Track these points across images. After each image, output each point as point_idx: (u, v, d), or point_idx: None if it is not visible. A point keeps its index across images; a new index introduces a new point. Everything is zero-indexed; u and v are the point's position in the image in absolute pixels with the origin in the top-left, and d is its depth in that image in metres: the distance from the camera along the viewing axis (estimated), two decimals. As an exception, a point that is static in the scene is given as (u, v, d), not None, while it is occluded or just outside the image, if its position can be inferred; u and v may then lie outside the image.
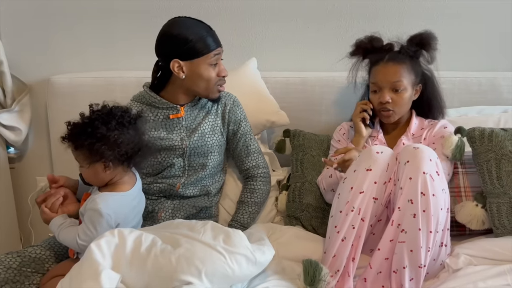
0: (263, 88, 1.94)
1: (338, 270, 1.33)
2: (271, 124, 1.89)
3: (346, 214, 1.34)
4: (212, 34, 1.53)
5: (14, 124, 2.05)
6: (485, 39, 2.04)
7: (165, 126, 1.60)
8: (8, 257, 1.36)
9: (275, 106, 1.92)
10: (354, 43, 1.71)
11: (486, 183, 1.54)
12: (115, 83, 1.98)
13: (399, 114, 1.64)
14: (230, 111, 1.69)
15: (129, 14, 2.05)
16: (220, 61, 1.56)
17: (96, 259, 1.15)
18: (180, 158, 1.62)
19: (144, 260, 1.20)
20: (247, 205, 1.69)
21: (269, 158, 1.92)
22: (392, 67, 1.59)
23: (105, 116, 1.36)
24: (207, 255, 1.21)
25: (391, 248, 1.32)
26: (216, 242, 1.25)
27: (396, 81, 1.58)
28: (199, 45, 1.49)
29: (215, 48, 1.52)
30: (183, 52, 1.49)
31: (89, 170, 1.37)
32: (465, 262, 1.42)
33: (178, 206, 1.62)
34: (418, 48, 1.63)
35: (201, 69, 1.51)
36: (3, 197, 2.11)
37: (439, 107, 1.72)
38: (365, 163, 1.38)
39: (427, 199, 1.28)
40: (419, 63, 1.64)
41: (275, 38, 2.08)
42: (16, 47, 2.07)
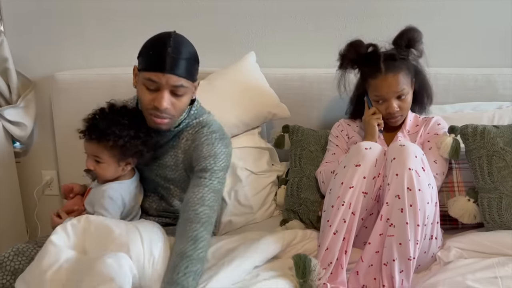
0: (264, 82, 1.96)
1: (331, 263, 1.37)
2: (272, 116, 1.91)
3: (337, 208, 1.38)
4: (164, 55, 1.31)
5: (20, 119, 2.10)
6: (481, 35, 2.05)
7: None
8: (28, 247, 1.38)
9: (275, 99, 1.94)
10: (338, 56, 1.68)
11: (478, 179, 1.57)
12: (119, 79, 2.00)
13: (405, 115, 1.66)
14: (193, 148, 1.46)
15: (132, 11, 2.07)
16: (164, 90, 1.33)
17: (57, 242, 1.22)
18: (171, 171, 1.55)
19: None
20: (191, 262, 1.25)
21: (269, 152, 1.95)
22: (392, 78, 1.58)
23: (130, 114, 1.41)
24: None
25: (381, 242, 1.36)
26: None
27: (400, 90, 1.59)
28: (145, 59, 1.36)
29: (154, 70, 1.32)
30: (138, 59, 1.40)
31: (108, 166, 1.42)
32: (456, 255, 1.45)
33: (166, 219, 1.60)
34: (408, 49, 1.63)
35: (139, 85, 1.39)
36: (10, 190, 2.16)
37: (429, 95, 1.73)
38: (354, 159, 1.42)
39: (413, 194, 1.32)
40: (410, 61, 1.65)
41: (274, 35, 2.10)
42: (21, 44, 2.10)
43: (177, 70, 1.32)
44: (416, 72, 1.67)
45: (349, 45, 1.67)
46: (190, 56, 1.36)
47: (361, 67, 1.69)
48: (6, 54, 2.02)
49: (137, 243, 1.25)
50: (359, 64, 1.68)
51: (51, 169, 2.27)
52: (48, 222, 2.14)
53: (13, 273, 1.32)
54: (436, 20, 2.03)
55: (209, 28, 2.10)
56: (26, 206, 2.28)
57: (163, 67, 1.31)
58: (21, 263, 1.33)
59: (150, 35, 1.55)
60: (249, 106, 1.79)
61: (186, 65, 1.34)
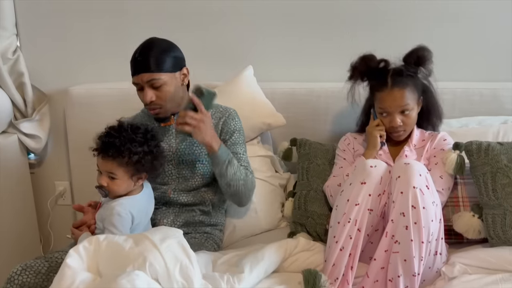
0: (259, 93, 2.00)
1: (337, 278, 1.40)
2: (267, 126, 1.95)
3: (344, 225, 1.41)
4: (133, 60, 1.60)
5: (34, 132, 2.15)
6: (487, 49, 2.06)
7: (160, 133, 1.69)
8: (37, 262, 1.42)
9: (270, 109, 1.97)
10: (350, 67, 1.74)
11: (482, 195, 1.59)
12: (131, 93, 2.00)
13: (408, 131, 1.69)
14: (224, 123, 1.72)
15: (144, 27, 2.11)
16: (146, 88, 1.59)
17: (72, 264, 1.23)
18: (171, 165, 1.68)
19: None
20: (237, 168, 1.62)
21: (271, 160, 1.99)
22: (398, 92, 1.62)
23: (142, 131, 1.48)
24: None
25: (386, 258, 1.39)
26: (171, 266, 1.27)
27: (404, 105, 1.62)
28: (131, 64, 1.61)
29: (133, 74, 1.60)
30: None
31: (122, 182, 1.46)
32: (460, 271, 1.46)
33: (178, 213, 1.68)
34: (417, 66, 1.66)
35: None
36: (24, 200, 2.21)
37: (437, 114, 1.76)
38: (359, 176, 1.45)
39: (417, 212, 1.35)
40: (419, 79, 1.68)
41: (281, 49, 2.13)
42: (36, 59, 2.16)
43: (145, 69, 1.57)
44: (424, 90, 1.70)
45: (361, 58, 1.72)
46: (158, 52, 1.58)
47: (370, 80, 1.73)
48: (22, 69, 2.08)
49: (151, 250, 1.25)
50: (368, 77, 1.73)
51: (64, 180, 2.32)
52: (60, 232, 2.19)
53: (21, 286, 1.36)
54: (441, 33, 2.05)
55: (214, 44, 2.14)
56: (40, 216, 2.33)
57: (135, 71, 1.60)
58: (29, 277, 1.37)
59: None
60: (243, 120, 1.81)
61: (154, 61, 1.57)
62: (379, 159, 1.60)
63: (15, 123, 2.12)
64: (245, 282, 1.35)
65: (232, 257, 1.52)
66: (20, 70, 2.08)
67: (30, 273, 1.38)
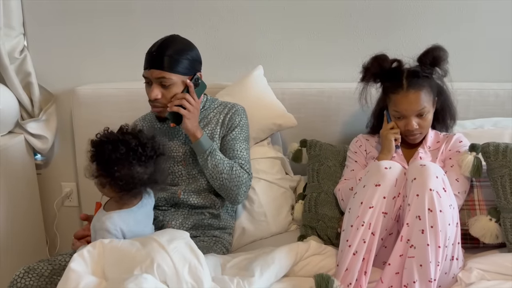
0: (270, 94, 1.97)
1: (351, 283, 1.36)
2: (278, 127, 1.92)
3: (357, 228, 1.37)
4: (148, 54, 1.57)
5: (41, 132, 2.14)
6: (502, 49, 2.03)
7: (168, 133, 1.69)
8: (40, 265, 1.41)
9: (281, 109, 1.94)
10: (362, 68, 1.69)
11: (500, 198, 1.54)
12: (137, 94, 2.02)
13: (424, 133, 1.65)
14: (229, 117, 1.71)
15: (152, 26, 2.11)
16: (153, 84, 1.57)
17: (76, 268, 1.20)
18: (180, 166, 1.66)
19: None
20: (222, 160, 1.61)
21: (281, 162, 1.95)
22: (413, 95, 1.57)
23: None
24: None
25: (401, 263, 1.34)
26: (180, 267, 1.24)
27: (420, 109, 1.58)
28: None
29: (144, 68, 1.58)
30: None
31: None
32: (478, 277, 1.42)
33: (187, 215, 1.65)
34: (432, 67, 1.62)
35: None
36: (30, 201, 2.20)
37: (452, 114, 1.72)
38: (374, 178, 1.41)
39: (434, 215, 1.30)
40: (434, 80, 1.64)
41: (291, 49, 2.10)
42: (43, 59, 2.15)
43: (157, 66, 1.54)
44: (439, 91, 1.66)
45: (373, 58, 1.66)
46: (174, 53, 1.55)
47: (383, 81, 1.68)
48: (29, 68, 2.07)
49: (159, 251, 1.23)
50: (381, 78, 1.68)
51: (70, 181, 2.31)
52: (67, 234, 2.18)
53: None
54: (455, 33, 2.02)
55: (226, 44, 2.12)
56: (46, 217, 2.32)
57: (148, 65, 1.57)
58: (32, 279, 1.36)
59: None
60: (253, 120, 1.80)
61: (169, 60, 1.54)
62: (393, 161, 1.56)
63: (22, 123, 2.11)
64: (255, 286, 1.32)
65: (241, 260, 1.49)
66: (27, 70, 2.07)
67: (33, 276, 1.37)
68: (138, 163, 1.32)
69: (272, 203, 1.84)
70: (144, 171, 1.33)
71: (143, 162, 1.33)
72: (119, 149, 1.30)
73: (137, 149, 1.32)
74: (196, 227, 1.66)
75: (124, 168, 1.30)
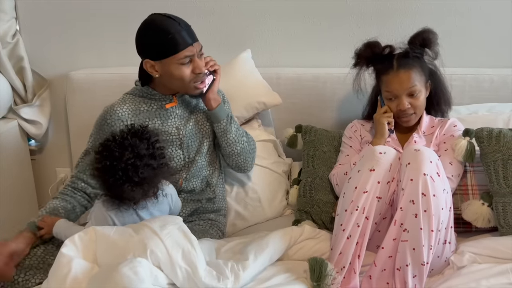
0: (256, 75, 1.97)
1: (344, 267, 1.37)
2: (262, 105, 1.91)
3: (351, 213, 1.38)
4: (182, 32, 1.45)
5: (35, 118, 2.13)
6: (497, 35, 2.02)
7: (159, 115, 1.59)
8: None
9: (266, 88, 1.94)
10: (354, 54, 1.70)
11: (493, 183, 1.56)
12: (131, 78, 1.98)
13: (418, 115, 1.65)
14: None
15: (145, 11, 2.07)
16: (195, 58, 1.49)
17: (67, 253, 1.20)
18: (179, 150, 1.62)
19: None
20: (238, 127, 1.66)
21: (273, 145, 1.96)
22: (404, 74, 1.59)
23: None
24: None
25: (395, 247, 1.36)
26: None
27: (411, 87, 1.59)
28: (166, 46, 1.45)
29: (185, 47, 1.45)
30: (152, 52, 1.48)
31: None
32: (470, 260, 1.44)
33: (184, 203, 1.64)
34: (422, 48, 1.63)
35: (172, 69, 1.48)
36: (25, 187, 2.20)
37: (446, 99, 1.73)
38: (368, 163, 1.41)
39: (428, 200, 1.32)
40: (424, 61, 1.65)
41: (287, 34, 2.09)
42: (36, 43, 2.13)
43: (196, 37, 1.50)
44: (432, 74, 1.67)
45: (365, 45, 1.68)
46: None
47: (375, 65, 1.69)
48: (22, 53, 2.06)
49: (151, 237, 1.22)
50: (373, 62, 1.69)
51: (65, 167, 2.30)
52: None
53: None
54: (451, 20, 2.01)
55: (221, 28, 2.10)
56: (41, 202, 2.31)
57: (191, 39, 1.47)
58: (25, 258, 1.39)
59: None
60: (236, 99, 1.79)
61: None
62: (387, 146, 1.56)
63: (15, 109, 2.10)
64: (249, 270, 1.33)
65: (236, 244, 1.50)
66: (20, 54, 2.05)
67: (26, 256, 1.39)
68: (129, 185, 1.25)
69: (267, 188, 1.85)
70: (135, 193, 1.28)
71: (133, 185, 1.26)
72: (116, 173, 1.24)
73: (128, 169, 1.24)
74: (192, 213, 1.66)
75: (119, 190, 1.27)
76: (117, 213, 1.33)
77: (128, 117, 1.57)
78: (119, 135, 1.28)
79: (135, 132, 1.30)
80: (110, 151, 1.24)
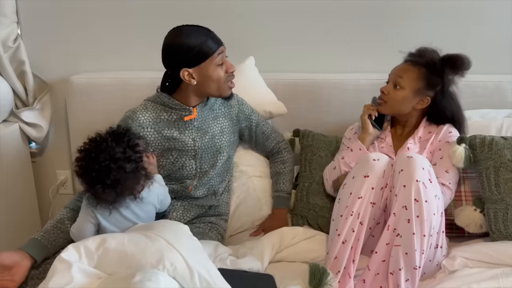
0: (261, 83, 2.00)
1: (339, 271, 1.40)
2: (269, 114, 1.94)
3: (346, 218, 1.42)
4: (212, 35, 1.55)
5: (36, 121, 2.14)
6: (490, 41, 2.05)
7: (178, 126, 1.62)
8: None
9: (272, 97, 1.97)
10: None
11: (485, 189, 1.59)
12: (131, 83, 2.05)
13: (389, 109, 1.66)
14: (239, 111, 1.75)
15: (145, 16, 2.11)
16: (225, 58, 1.59)
17: (66, 258, 1.18)
18: (192, 160, 1.65)
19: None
20: (285, 175, 1.84)
21: None
22: (404, 65, 1.63)
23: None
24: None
25: (388, 251, 1.39)
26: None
27: (399, 76, 1.62)
28: (202, 50, 1.52)
29: (217, 48, 1.55)
30: (189, 60, 1.53)
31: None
32: (461, 264, 1.47)
33: (188, 207, 1.68)
34: (449, 67, 1.59)
35: (210, 71, 1.55)
36: (26, 189, 2.21)
37: (461, 121, 1.70)
38: (362, 170, 1.45)
39: (420, 205, 1.35)
40: (438, 78, 1.60)
41: (284, 40, 2.11)
42: (37, 48, 2.14)
43: (220, 40, 1.59)
44: (443, 93, 1.63)
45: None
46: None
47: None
48: (23, 57, 2.07)
49: (168, 248, 1.21)
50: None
51: (65, 169, 2.32)
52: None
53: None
54: (443, 25, 2.04)
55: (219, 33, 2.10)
56: (41, 204, 2.33)
57: (220, 41, 1.58)
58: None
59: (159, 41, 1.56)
60: None
61: None
62: (381, 152, 1.59)
63: (16, 112, 2.11)
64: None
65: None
66: (21, 58, 2.06)
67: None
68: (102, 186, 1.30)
69: (266, 192, 1.86)
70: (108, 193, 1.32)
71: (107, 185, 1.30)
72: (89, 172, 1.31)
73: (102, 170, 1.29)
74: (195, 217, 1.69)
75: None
76: (100, 210, 1.36)
77: (148, 124, 1.60)
78: (100, 137, 1.33)
79: (116, 134, 1.35)
80: (87, 152, 1.31)
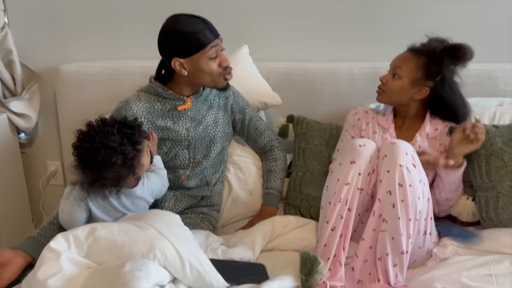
0: (255, 73, 1.98)
1: (329, 258, 1.39)
2: (263, 105, 1.93)
3: (334, 205, 1.40)
4: (207, 27, 1.52)
5: (24, 111, 2.12)
6: (482, 30, 2.03)
7: (172, 116, 1.62)
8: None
9: (266, 88, 1.95)
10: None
11: (476, 177, 1.58)
12: (121, 72, 2.02)
13: (387, 99, 1.66)
14: (234, 103, 1.74)
15: (136, 5, 2.08)
16: (220, 52, 1.56)
17: (55, 247, 1.18)
18: (186, 150, 1.64)
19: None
20: (276, 173, 1.81)
21: None
22: (405, 54, 1.62)
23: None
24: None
25: (374, 237, 1.38)
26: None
27: (397, 66, 1.61)
28: (195, 41, 1.49)
29: (212, 40, 1.51)
30: (181, 50, 1.51)
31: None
32: (452, 252, 1.47)
33: (180, 197, 1.66)
34: (446, 61, 1.58)
35: (201, 64, 1.53)
36: (15, 181, 2.20)
37: (464, 112, 1.67)
38: (349, 156, 1.44)
39: (404, 190, 1.34)
40: (438, 68, 1.58)
41: (277, 29, 2.10)
42: (25, 36, 2.12)
43: (218, 32, 1.56)
44: (442, 83, 1.60)
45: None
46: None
47: None
48: (11, 46, 2.04)
49: (159, 237, 1.21)
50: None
51: (55, 160, 2.31)
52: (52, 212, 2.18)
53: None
54: (435, 15, 2.02)
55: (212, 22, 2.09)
56: (32, 196, 2.32)
57: (217, 33, 1.55)
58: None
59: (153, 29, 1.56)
60: None
61: None
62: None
63: (4, 102, 2.09)
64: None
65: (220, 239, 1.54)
66: (9, 47, 2.04)
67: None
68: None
69: (258, 181, 1.85)
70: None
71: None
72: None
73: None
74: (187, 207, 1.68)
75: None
76: (92, 198, 1.38)
77: (142, 115, 1.59)
78: (109, 121, 1.34)
79: (125, 124, 1.35)
80: (90, 128, 1.32)
